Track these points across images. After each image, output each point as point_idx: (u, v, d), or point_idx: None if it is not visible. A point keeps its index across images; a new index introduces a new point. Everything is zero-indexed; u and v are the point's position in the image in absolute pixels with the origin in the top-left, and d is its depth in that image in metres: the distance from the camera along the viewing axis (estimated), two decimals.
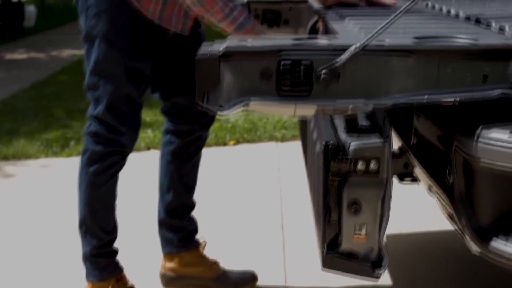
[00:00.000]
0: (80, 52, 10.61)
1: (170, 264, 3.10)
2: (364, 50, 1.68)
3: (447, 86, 1.73)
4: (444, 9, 2.76)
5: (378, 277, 1.88)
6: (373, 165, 1.83)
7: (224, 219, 3.91)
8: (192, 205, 3.10)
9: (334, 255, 1.88)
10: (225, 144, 5.37)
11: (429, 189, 2.28)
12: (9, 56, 11.41)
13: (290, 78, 1.68)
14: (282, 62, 1.68)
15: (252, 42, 1.73)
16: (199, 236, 3.15)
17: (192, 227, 3.11)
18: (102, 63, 2.64)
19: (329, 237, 1.90)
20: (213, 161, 4.88)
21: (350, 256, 1.87)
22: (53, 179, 4.82)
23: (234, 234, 3.71)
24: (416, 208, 3.79)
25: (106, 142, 2.72)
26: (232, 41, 1.74)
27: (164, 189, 3.04)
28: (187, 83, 2.83)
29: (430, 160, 2.15)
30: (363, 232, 1.88)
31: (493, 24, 2.13)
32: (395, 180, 2.92)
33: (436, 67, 1.72)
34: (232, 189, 4.35)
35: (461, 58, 1.72)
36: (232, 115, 1.88)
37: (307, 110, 1.78)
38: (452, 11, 2.62)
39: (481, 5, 2.87)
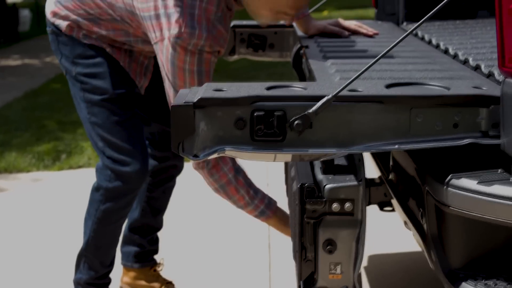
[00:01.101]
0: None
1: (126, 278, 3.19)
2: (337, 98, 1.73)
3: (418, 134, 1.77)
4: (433, 42, 2.79)
5: None
6: (347, 206, 1.88)
7: (209, 237, 3.95)
8: (157, 227, 3.19)
9: None
10: None
11: (405, 224, 2.33)
12: (4, 62, 11.44)
13: (263, 128, 1.72)
14: (255, 113, 1.72)
15: (226, 91, 1.77)
16: (159, 257, 3.25)
17: (151, 248, 3.20)
18: (88, 98, 2.68)
19: (306, 274, 1.96)
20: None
21: None
22: (44, 194, 4.85)
23: (219, 254, 3.75)
24: (400, 228, 3.83)
25: (117, 177, 2.71)
26: (207, 90, 1.78)
27: (133, 207, 3.12)
28: (161, 111, 2.89)
29: (405, 197, 2.20)
30: (338, 270, 1.93)
31: (483, 67, 2.16)
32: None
33: (407, 115, 1.76)
34: (218, 206, 4.37)
35: (432, 106, 1.76)
36: None
37: (282, 157, 1.83)
38: (441, 45, 2.65)
39: (479, 32, 2.89)
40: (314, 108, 1.70)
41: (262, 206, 2.60)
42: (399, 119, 1.76)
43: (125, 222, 3.12)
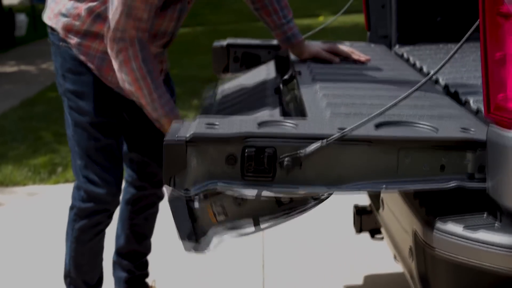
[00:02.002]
0: None
1: None
2: (327, 139, 1.76)
3: (405, 175, 1.81)
4: (425, 69, 2.82)
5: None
6: None
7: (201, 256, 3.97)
8: (144, 252, 3.23)
9: None
10: None
11: (394, 257, 2.37)
12: (0, 69, 11.46)
13: (254, 165, 1.76)
14: (246, 150, 1.76)
15: (218, 127, 1.81)
16: (152, 278, 3.30)
17: (141, 272, 3.24)
18: (75, 119, 2.75)
19: None
20: None
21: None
22: (40, 208, 4.88)
23: (212, 273, 3.78)
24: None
25: (89, 198, 2.79)
26: (199, 125, 1.82)
27: (118, 233, 3.20)
28: (141, 141, 2.98)
29: (395, 232, 2.24)
30: None
31: (471, 103, 2.19)
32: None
33: (395, 156, 1.80)
34: None
35: (420, 148, 1.80)
36: None
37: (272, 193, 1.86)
38: (440, 80, 2.68)
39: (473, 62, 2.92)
40: (305, 150, 1.74)
41: (161, 111, 2.53)
42: (388, 160, 1.80)
43: (115, 247, 3.18)
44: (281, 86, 2.69)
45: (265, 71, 3.01)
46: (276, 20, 2.95)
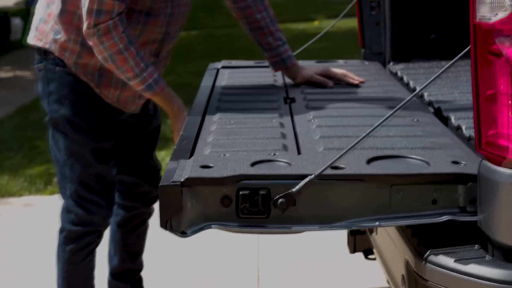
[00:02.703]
0: None
1: None
2: (320, 177, 1.79)
3: (398, 210, 1.83)
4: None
5: None
6: None
7: (196, 268, 4.00)
8: (137, 269, 3.27)
9: None
10: None
11: (388, 281, 2.40)
12: None
13: (248, 206, 1.79)
14: (240, 192, 1.79)
15: (213, 168, 1.84)
16: None
17: None
18: (69, 146, 2.74)
19: None
20: None
21: None
22: (36, 220, 4.90)
23: (207, 284, 3.81)
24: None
25: (80, 222, 2.82)
26: (194, 167, 1.84)
27: (111, 254, 3.23)
28: (132, 163, 3.02)
29: (388, 257, 2.27)
30: None
31: (464, 129, 2.22)
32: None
33: (387, 192, 1.82)
34: (207, 238, 4.43)
35: (412, 183, 1.83)
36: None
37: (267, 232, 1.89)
38: (425, 96, 2.70)
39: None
40: (297, 187, 1.77)
41: (150, 80, 2.56)
42: (380, 196, 1.82)
43: (108, 270, 3.22)
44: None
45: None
46: (272, 42, 2.97)
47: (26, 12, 17.21)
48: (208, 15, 16.50)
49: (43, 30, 2.74)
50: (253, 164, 1.87)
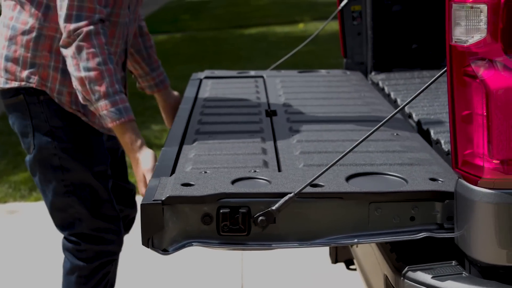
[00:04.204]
0: None
1: None
2: (300, 195, 1.82)
3: (376, 227, 1.87)
4: (399, 102, 2.88)
5: None
6: None
7: (180, 280, 4.02)
8: None
9: None
10: None
11: None
12: None
13: (229, 224, 1.82)
14: (221, 209, 1.82)
15: (194, 186, 1.86)
16: None
17: None
18: (69, 180, 2.58)
19: None
20: None
21: None
22: (21, 226, 4.90)
23: None
24: None
25: (96, 256, 2.67)
26: (175, 186, 1.87)
27: None
28: (114, 167, 2.88)
29: (368, 271, 2.30)
30: None
31: (443, 144, 2.26)
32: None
33: (366, 210, 1.86)
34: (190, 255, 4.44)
35: (389, 201, 1.86)
36: None
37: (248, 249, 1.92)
38: (406, 109, 2.73)
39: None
40: (276, 205, 1.80)
41: (121, 105, 2.35)
42: (359, 213, 1.86)
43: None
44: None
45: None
46: (148, 65, 2.99)
47: None
48: (193, 17, 16.51)
49: (13, 69, 2.53)
50: (233, 182, 1.90)
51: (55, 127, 2.55)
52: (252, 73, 3.47)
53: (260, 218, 1.81)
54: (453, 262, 1.85)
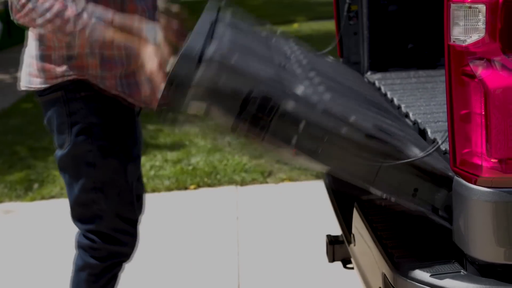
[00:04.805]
0: None
1: None
2: None
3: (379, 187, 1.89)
4: (395, 102, 2.90)
5: None
6: None
7: (176, 279, 4.03)
8: None
9: None
10: (186, 188, 5.49)
11: None
12: None
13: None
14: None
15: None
16: None
17: None
18: (99, 177, 2.58)
19: None
20: (172, 208, 5.01)
21: None
22: (17, 226, 4.91)
23: None
24: None
25: (110, 256, 2.68)
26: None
27: None
28: None
29: (366, 269, 2.31)
30: None
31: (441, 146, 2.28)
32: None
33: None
34: (188, 244, 4.46)
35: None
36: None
37: None
38: (403, 108, 2.75)
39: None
40: None
41: (97, 13, 2.34)
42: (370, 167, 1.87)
43: None
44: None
45: None
46: None
47: (5, 14, 17.16)
48: (188, 18, 16.47)
49: (49, 67, 2.52)
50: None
51: (93, 124, 2.54)
52: None
53: None
54: (452, 260, 1.86)
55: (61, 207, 5.18)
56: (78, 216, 2.67)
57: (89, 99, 2.53)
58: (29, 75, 2.58)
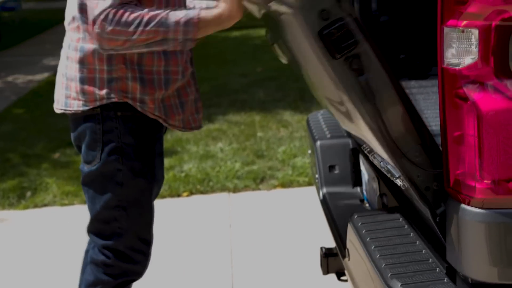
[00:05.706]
0: (36, 78, 10.52)
1: None
2: None
3: None
4: None
5: None
6: None
7: (170, 280, 4.04)
8: None
9: None
10: (178, 195, 5.50)
11: None
12: None
13: None
14: None
15: None
16: None
17: None
18: (125, 196, 2.60)
19: None
20: (164, 215, 5.02)
21: None
22: (10, 234, 4.90)
23: None
24: None
25: (122, 273, 2.68)
26: None
27: None
28: None
29: (360, 284, 2.34)
30: None
31: None
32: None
33: None
34: (180, 252, 4.47)
35: None
36: None
37: None
38: None
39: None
40: None
41: (186, 11, 2.36)
42: None
43: None
44: None
45: None
46: None
47: None
48: None
49: (90, 90, 2.51)
50: None
51: (126, 144, 2.55)
52: None
53: None
54: (445, 278, 1.88)
55: (55, 215, 5.20)
56: (96, 231, 2.67)
57: (125, 120, 2.54)
58: (67, 97, 2.58)
